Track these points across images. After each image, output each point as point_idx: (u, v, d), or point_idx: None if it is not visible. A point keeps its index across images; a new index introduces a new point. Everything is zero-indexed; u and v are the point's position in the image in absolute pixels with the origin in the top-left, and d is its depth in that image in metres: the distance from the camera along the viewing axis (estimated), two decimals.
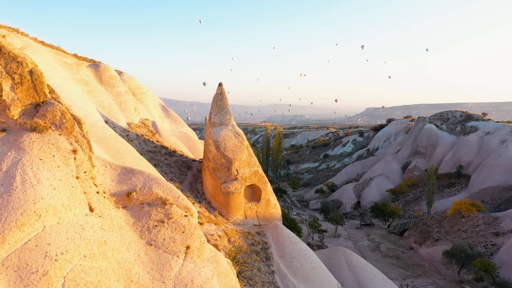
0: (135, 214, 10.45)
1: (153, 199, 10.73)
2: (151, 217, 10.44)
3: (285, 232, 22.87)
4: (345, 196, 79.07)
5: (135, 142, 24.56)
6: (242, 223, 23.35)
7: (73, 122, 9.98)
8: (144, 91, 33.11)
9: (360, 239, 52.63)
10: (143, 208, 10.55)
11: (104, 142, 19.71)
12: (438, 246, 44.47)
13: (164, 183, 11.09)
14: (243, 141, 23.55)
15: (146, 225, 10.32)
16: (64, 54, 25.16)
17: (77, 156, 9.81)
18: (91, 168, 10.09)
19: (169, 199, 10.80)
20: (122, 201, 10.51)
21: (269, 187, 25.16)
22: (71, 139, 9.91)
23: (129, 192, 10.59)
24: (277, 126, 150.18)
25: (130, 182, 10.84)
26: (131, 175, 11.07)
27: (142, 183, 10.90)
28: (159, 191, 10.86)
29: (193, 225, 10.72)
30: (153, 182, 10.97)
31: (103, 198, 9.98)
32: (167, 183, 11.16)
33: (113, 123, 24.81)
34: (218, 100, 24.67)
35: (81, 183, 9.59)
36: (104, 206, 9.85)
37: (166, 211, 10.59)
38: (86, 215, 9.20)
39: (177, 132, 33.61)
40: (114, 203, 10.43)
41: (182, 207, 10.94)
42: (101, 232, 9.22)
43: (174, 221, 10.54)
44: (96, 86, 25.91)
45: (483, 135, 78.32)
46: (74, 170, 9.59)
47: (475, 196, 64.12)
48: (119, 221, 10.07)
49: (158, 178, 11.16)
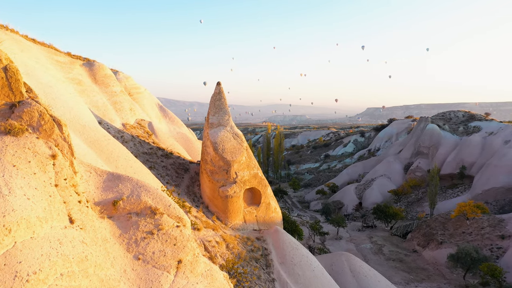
0: (121, 225, 9.51)
1: (142, 208, 9.80)
2: (139, 228, 9.51)
3: (286, 237, 21.94)
4: (347, 197, 78.11)
5: (130, 144, 23.64)
6: (241, 228, 22.42)
7: (52, 124, 9.05)
8: (141, 90, 32.18)
9: (362, 241, 51.67)
10: (131, 218, 9.62)
11: (96, 144, 18.79)
12: (442, 249, 43.49)
13: (154, 191, 10.16)
14: (242, 143, 22.62)
15: (134, 237, 9.39)
16: (57, 52, 24.25)
17: (57, 161, 8.88)
18: (72, 175, 9.16)
19: (160, 208, 9.86)
20: (108, 211, 9.58)
21: (269, 190, 24.23)
22: (50, 142, 8.98)
23: (115, 201, 9.66)
24: (277, 126, 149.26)
25: (116, 190, 9.90)
26: (118, 182, 10.13)
27: (130, 191, 9.96)
28: (148, 199, 9.93)
29: (186, 237, 9.78)
30: (142, 189, 10.03)
31: (85, 207, 9.05)
32: (157, 191, 10.23)
33: (107, 124, 23.90)
34: (216, 100, 23.73)
35: (60, 192, 8.65)
36: (87, 216, 8.92)
37: (156, 222, 9.66)
38: (65, 228, 8.27)
39: (175, 133, 32.68)
40: (99, 213, 9.50)
41: (173, 216, 10.00)
42: (82, 247, 8.28)
43: (165, 232, 9.60)
44: (89, 85, 24.99)
45: (486, 135, 77.31)
46: (52, 178, 8.66)
47: (479, 197, 63.18)
48: (103, 233, 9.14)
49: (147, 185, 10.22)
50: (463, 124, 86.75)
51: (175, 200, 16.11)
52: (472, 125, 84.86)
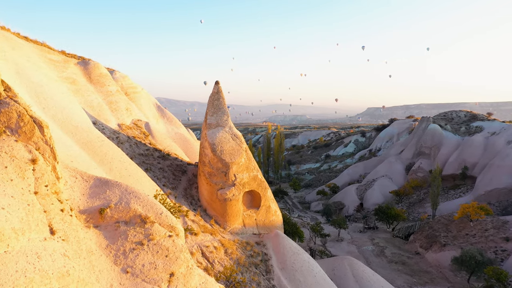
0: (109, 235, 8.78)
1: (131, 216, 9.07)
2: (128, 239, 8.77)
3: (286, 242, 21.19)
4: (348, 198, 77.34)
5: (126, 145, 22.90)
6: (240, 232, 21.67)
7: (33, 125, 8.31)
8: (138, 90, 31.42)
9: (364, 243, 50.90)
10: (119, 227, 8.88)
11: (89, 145, 18.05)
12: (445, 251, 42.72)
13: (145, 198, 9.41)
14: (242, 144, 21.87)
15: (122, 248, 8.65)
16: (50, 50, 23.50)
17: (37, 166, 8.14)
18: (55, 181, 8.42)
19: (150, 217, 9.13)
20: (94, 220, 8.85)
21: (269, 193, 23.49)
22: (31, 146, 8.24)
23: (102, 209, 8.93)
24: (278, 126, 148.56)
25: (104, 196, 9.17)
26: (106, 188, 9.40)
27: (118, 198, 9.23)
28: (138, 207, 9.19)
29: (179, 247, 9.03)
30: (132, 196, 9.29)
31: (69, 216, 8.31)
32: (148, 197, 9.48)
33: (102, 125, 23.15)
34: (214, 100, 22.98)
35: (40, 200, 7.91)
36: (70, 226, 8.18)
37: (146, 231, 8.92)
38: (44, 240, 7.53)
39: (173, 133, 31.93)
40: (84, 222, 8.76)
41: (165, 225, 9.27)
42: (64, 260, 7.54)
43: (156, 243, 8.86)
44: (84, 84, 24.24)
45: (488, 135, 76.54)
46: (32, 184, 7.93)
47: (481, 198, 62.45)
48: (88, 244, 8.40)
49: (137, 192, 9.47)
50: (465, 124, 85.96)
51: (171, 205, 15.38)
52: (474, 125, 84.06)
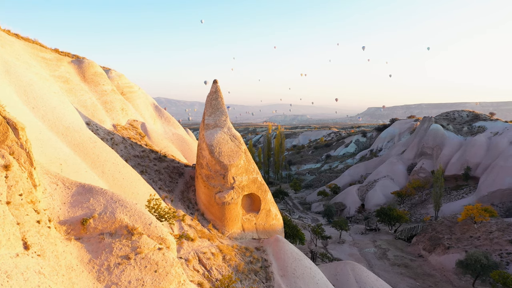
0: (92, 248, 7.95)
1: (117, 227, 8.24)
2: (113, 252, 7.94)
3: (287, 247, 20.35)
4: (349, 198, 76.51)
5: (121, 146, 22.08)
6: (239, 237, 20.84)
7: (6, 127, 7.48)
8: (134, 89, 30.58)
9: (366, 245, 50.06)
10: (103, 239, 8.05)
11: (80, 147, 17.23)
12: (449, 254, 41.85)
13: (132, 206, 8.58)
14: (241, 145, 21.03)
15: (106, 263, 7.82)
16: (42, 48, 22.68)
17: (11, 173, 7.31)
18: (31, 189, 7.59)
19: (138, 228, 8.30)
20: (75, 231, 8.02)
21: (269, 196, 22.65)
22: (3, 150, 7.41)
23: (85, 219, 8.10)
24: (278, 126, 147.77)
25: (87, 205, 8.34)
26: (89, 196, 8.57)
27: (103, 207, 8.40)
28: (124, 216, 8.36)
29: (169, 261, 8.20)
30: (117, 204, 8.46)
31: (46, 228, 7.48)
32: (135, 206, 8.65)
33: (96, 125, 22.33)
34: (212, 99, 22.14)
35: (13, 211, 7.09)
36: (48, 240, 7.35)
37: (133, 244, 8.09)
38: (16, 256, 6.70)
39: (170, 134, 31.09)
40: (64, 234, 7.93)
41: (155, 237, 8.44)
42: (38, 279, 6.72)
43: (144, 256, 8.03)
44: (78, 84, 23.42)
45: (491, 135, 75.66)
46: (4, 193, 7.10)
47: (484, 199, 61.67)
48: (68, 259, 7.57)
49: (124, 200, 8.64)
50: (468, 124, 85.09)
51: (165, 210, 14.56)
52: (477, 125, 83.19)
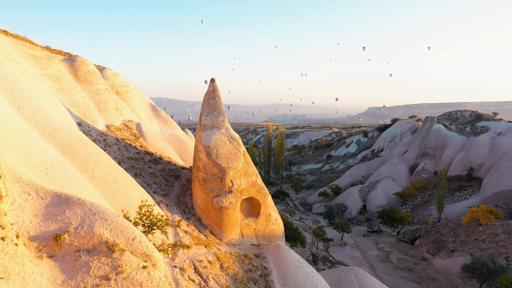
0: (66, 267, 6.98)
1: (95, 243, 7.28)
2: (91, 272, 6.97)
3: (288, 254, 19.39)
4: (350, 199, 75.53)
5: (114, 148, 21.13)
6: (238, 243, 19.89)
7: None
8: (130, 89, 29.64)
9: (368, 248, 49.09)
10: (80, 257, 7.09)
11: (69, 149, 16.28)
12: (454, 257, 40.86)
13: (113, 219, 7.62)
14: (239, 147, 20.08)
15: (83, 284, 6.86)
16: (32, 45, 21.75)
17: None
18: None
19: (119, 243, 7.34)
20: (48, 248, 7.06)
21: (269, 199, 21.69)
22: None
23: (59, 234, 7.14)
24: (279, 126, 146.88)
25: (62, 218, 7.38)
26: (65, 207, 7.61)
27: (80, 220, 7.44)
28: (104, 231, 7.40)
29: (155, 281, 7.24)
30: (97, 217, 7.50)
31: (13, 246, 6.51)
32: (117, 219, 7.69)
33: (89, 126, 21.39)
34: (210, 99, 21.18)
35: None
36: (13, 259, 6.38)
37: (114, 262, 7.13)
38: None
39: (167, 135, 30.15)
40: (35, 252, 6.97)
41: (139, 254, 7.47)
42: None
43: (126, 276, 7.07)
44: (70, 83, 22.47)
45: (494, 135, 74.67)
46: None
47: (488, 200, 60.74)
48: (38, 281, 6.60)
49: (104, 212, 7.68)
50: (470, 124, 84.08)
51: (158, 217, 13.61)
52: (480, 125, 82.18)
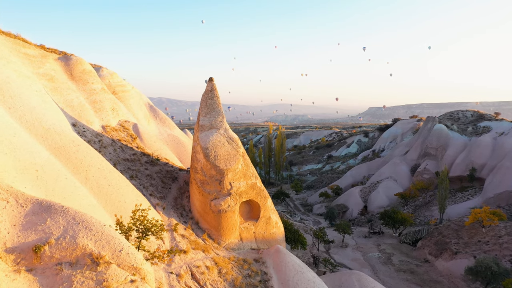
0: (46, 282, 6.40)
1: (78, 255, 6.69)
2: (73, 287, 6.37)
3: (289, 258, 18.80)
4: (351, 200, 74.89)
5: (109, 149, 20.55)
6: (236, 247, 19.30)
7: None
8: (127, 88, 29.04)
9: (370, 249, 48.48)
10: (61, 271, 6.50)
11: (61, 151, 15.70)
12: (457, 259, 40.24)
13: (99, 229, 7.03)
14: (238, 148, 19.48)
15: None
16: (25, 44, 21.16)
17: None
18: None
19: (105, 256, 6.75)
20: (27, 261, 6.47)
21: (269, 202, 21.10)
22: None
23: (38, 246, 6.56)
24: (279, 126, 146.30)
25: (42, 228, 6.79)
26: (47, 216, 7.02)
27: (62, 229, 6.85)
28: (88, 242, 6.81)
29: None
30: (80, 226, 6.91)
31: None
32: (103, 229, 7.10)
33: (83, 126, 20.81)
34: (208, 99, 20.59)
35: None
36: None
37: (98, 276, 6.54)
38: None
39: (165, 135, 29.55)
40: (12, 265, 6.38)
41: (126, 267, 6.89)
42: None
43: None
44: (64, 82, 21.89)
45: (497, 135, 74.01)
46: None
47: (490, 201, 60.10)
48: None
49: (89, 220, 7.10)
50: (472, 124, 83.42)
51: (153, 222, 13.02)
52: (482, 125, 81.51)
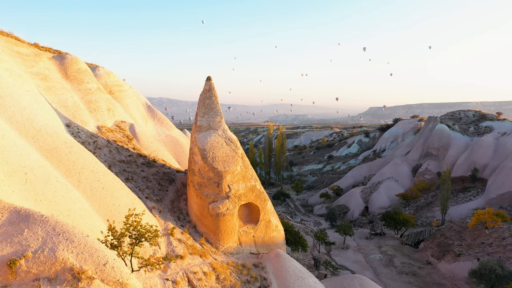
0: None
1: (58, 270, 6.09)
2: None
3: (289, 263, 18.20)
4: (352, 201, 74.28)
5: (104, 150, 19.96)
6: (235, 252, 18.71)
7: None
8: (124, 88, 28.45)
9: (371, 251, 47.84)
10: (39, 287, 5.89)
11: (53, 153, 15.12)
12: (460, 262, 39.59)
13: (81, 240, 6.43)
14: (237, 149, 18.89)
15: None
16: (18, 42, 20.58)
17: None
18: None
19: (88, 270, 6.16)
20: (1, 276, 5.87)
21: (269, 205, 20.50)
22: None
23: (14, 260, 5.96)
24: (279, 126, 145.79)
25: (19, 240, 6.19)
26: (24, 226, 6.43)
27: (41, 241, 6.25)
28: (69, 255, 6.21)
29: None
30: (61, 238, 6.31)
31: None
32: (85, 240, 6.51)
33: (78, 127, 20.23)
34: (206, 98, 20.00)
35: None
36: None
37: None
38: None
39: (163, 136, 28.96)
40: None
41: (111, 282, 6.29)
42: None
43: None
44: (58, 81, 21.31)
45: (499, 136, 73.44)
46: None
47: (493, 202, 59.61)
48: None
49: (70, 231, 6.50)
50: (474, 124, 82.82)
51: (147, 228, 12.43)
52: (484, 125, 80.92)
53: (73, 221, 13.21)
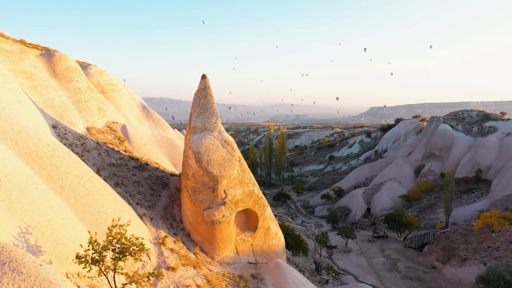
0: None
1: None
2: None
3: (289, 274, 17.01)
4: (354, 202, 73.01)
5: (93, 153, 18.79)
6: (232, 261, 17.51)
7: None
8: (117, 87, 27.27)
9: (374, 255, 46.63)
10: None
11: (34, 156, 13.93)
12: (466, 266, 38.36)
13: (32, 271, 5.23)
14: (234, 152, 17.69)
15: None
16: (2, 39, 19.42)
17: None
18: None
19: None
20: None
21: (268, 211, 19.30)
22: None
23: None
24: (280, 126, 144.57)
25: None
26: None
27: None
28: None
29: None
30: (6, 269, 5.11)
31: None
32: (38, 271, 5.27)
33: (65, 128, 19.05)
34: (201, 98, 18.79)
35: None
36: None
37: None
38: None
39: (159, 137, 27.78)
40: None
41: None
42: None
43: None
44: (45, 80, 20.13)
45: (503, 136, 72.05)
46: None
47: (498, 203, 58.25)
48: None
49: (19, 260, 5.29)
50: (477, 124, 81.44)
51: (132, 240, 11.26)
52: (487, 125, 79.51)
53: (52, 232, 12.07)
